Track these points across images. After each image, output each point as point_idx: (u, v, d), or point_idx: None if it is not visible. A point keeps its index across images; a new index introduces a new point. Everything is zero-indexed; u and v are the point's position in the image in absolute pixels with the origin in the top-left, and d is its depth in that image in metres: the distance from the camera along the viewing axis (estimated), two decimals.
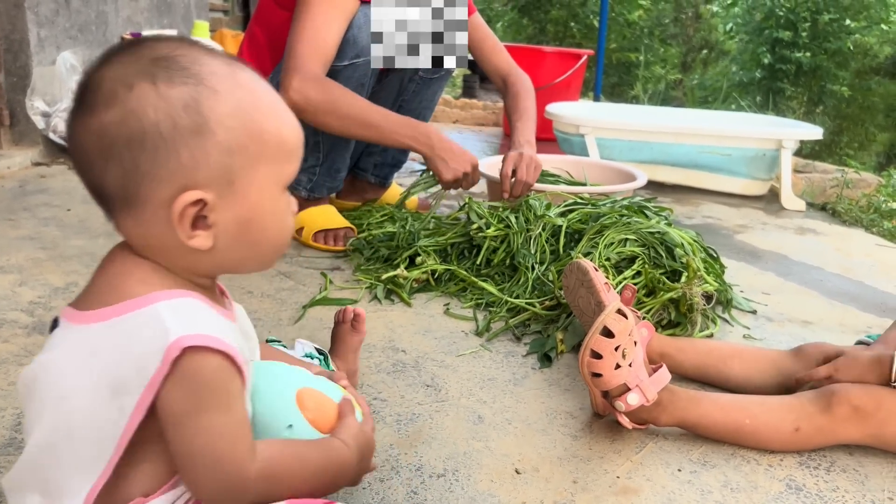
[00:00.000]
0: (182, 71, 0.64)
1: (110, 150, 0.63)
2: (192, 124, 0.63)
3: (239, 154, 0.65)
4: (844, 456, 1.09)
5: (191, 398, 0.62)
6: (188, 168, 0.63)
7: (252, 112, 0.66)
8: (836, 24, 8.41)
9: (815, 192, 3.06)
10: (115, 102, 0.62)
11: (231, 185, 0.65)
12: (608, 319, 1.04)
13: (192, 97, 0.63)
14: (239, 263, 0.71)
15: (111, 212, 0.67)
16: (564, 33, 8.71)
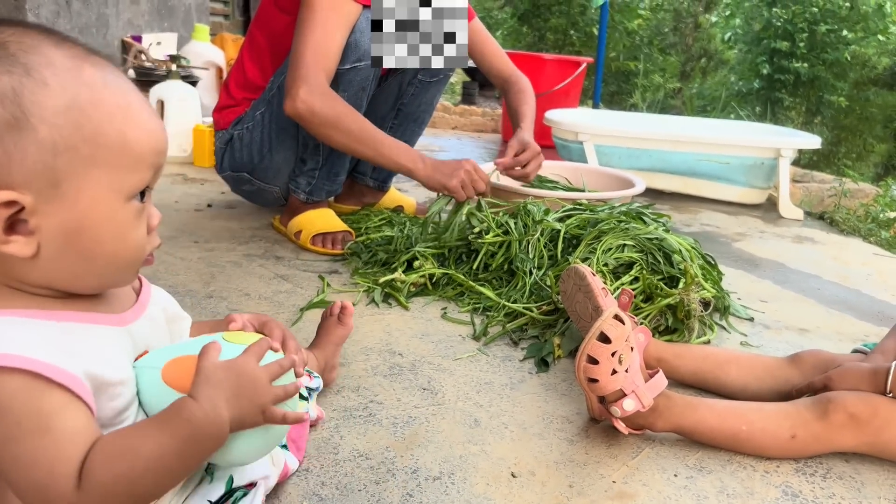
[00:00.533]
0: (9, 59, 0.58)
1: None
2: (9, 118, 0.57)
3: (66, 154, 0.59)
4: (841, 463, 1.09)
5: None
6: (1, 166, 0.58)
7: (89, 110, 0.60)
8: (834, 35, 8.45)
9: (812, 202, 3.07)
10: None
11: (56, 188, 0.59)
12: (605, 325, 1.04)
13: (12, 88, 0.58)
14: (73, 278, 0.64)
15: None
16: (564, 41, 8.74)
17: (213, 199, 2.37)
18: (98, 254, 0.63)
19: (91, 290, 0.66)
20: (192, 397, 0.65)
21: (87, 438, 0.60)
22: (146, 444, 0.62)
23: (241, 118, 1.92)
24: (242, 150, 1.93)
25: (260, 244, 1.92)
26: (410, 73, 2.00)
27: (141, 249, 0.67)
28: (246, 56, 1.95)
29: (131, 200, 0.64)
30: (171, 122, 2.85)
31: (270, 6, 1.88)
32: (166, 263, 1.72)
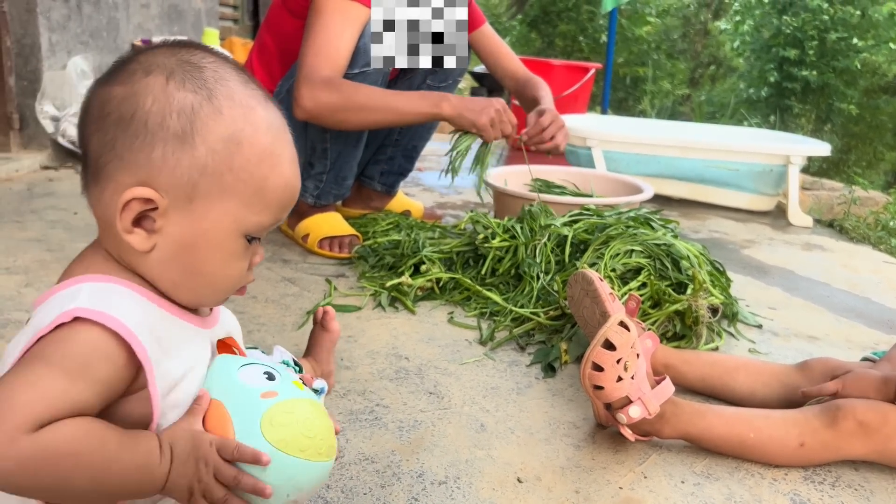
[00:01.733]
0: (199, 81, 0.65)
1: (104, 119, 0.64)
2: (179, 129, 0.63)
3: (210, 177, 0.64)
4: (850, 471, 1.08)
5: (37, 347, 0.59)
6: (155, 166, 0.63)
7: (245, 147, 0.65)
8: (844, 43, 8.42)
9: (822, 209, 3.05)
10: (128, 81, 0.64)
11: (190, 202, 0.64)
12: (610, 332, 1.04)
13: (191, 106, 0.64)
14: (172, 286, 0.67)
15: (84, 179, 0.67)
16: (573, 47, 8.75)
17: None
18: (200, 272, 0.67)
19: (181, 302, 0.70)
20: (160, 441, 0.63)
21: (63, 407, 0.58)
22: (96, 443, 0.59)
23: None
24: None
25: (267, 247, 1.93)
26: (419, 78, 2.01)
27: (237, 281, 0.71)
28: (255, 59, 1.95)
29: (245, 237, 0.68)
30: None
31: (280, 9, 1.89)
32: None
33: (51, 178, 2.54)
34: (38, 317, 0.62)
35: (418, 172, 3.15)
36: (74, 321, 0.59)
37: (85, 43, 2.93)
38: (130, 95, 0.64)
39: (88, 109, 0.66)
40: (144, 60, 0.65)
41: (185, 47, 0.67)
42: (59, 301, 0.62)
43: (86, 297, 0.61)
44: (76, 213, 2.11)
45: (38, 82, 2.68)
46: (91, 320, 0.59)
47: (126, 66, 0.66)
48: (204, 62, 0.66)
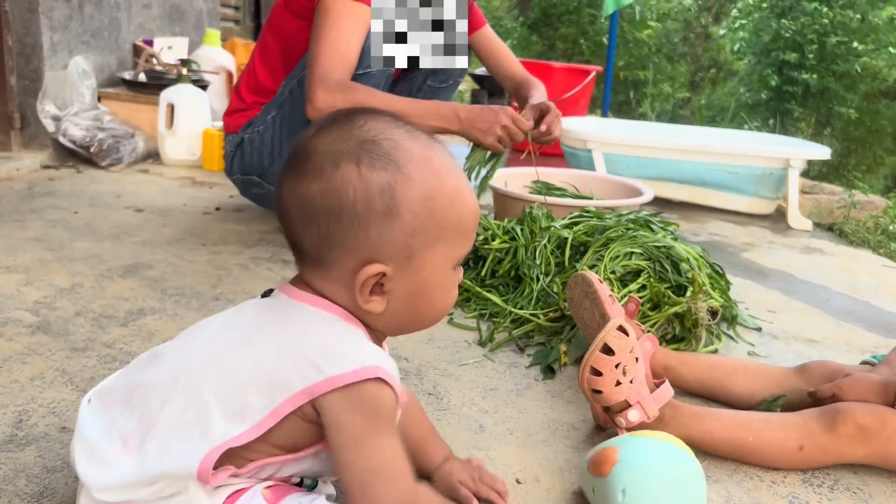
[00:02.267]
0: (384, 157, 0.71)
1: (311, 216, 0.71)
2: (385, 207, 0.70)
3: (420, 235, 0.71)
4: (848, 475, 1.08)
5: (370, 421, 0.68)
6: (374, 244, 0.70)
7: (438, 198, 0.72)
8: (844, 47, 8.43)
9: (822, 213, 3.06)
10: (321, 176, 0.70)
11: (409, 260, 0.72)
12: (608, 337, 1.04)
13: (388, 183, 0.70)
14: (403, 327, 0.77)
15: (302, 263, 0.75)
16: (573, 50, 8.76)
17: (222, 202, 2.38)
18: (426, 312, 0.76)
19: (404, 334, 0.81)
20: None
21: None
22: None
23: (251, 122, 1.93)
24: (252, 153, 1.94)
25: (267, 248, 1.93)
26: (420, 79, 2.01)
27: (452, 304, 0.79)
28: (258, 60, 1.95)
29: (455, 268, 0.77)
30: (180, 126, 2.87)
31: (283, 10, 1.89)
32: (174, 266, 1.73)
33: (51, 178, 2.54)
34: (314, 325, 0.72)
35: None
36: (377, 380, 0.69)
37: (86, 43, 2.93)
38: (331, 190, 0.70)
39: (289, 208, 0.72)
40: (327, 151, 0.71)
41: (350, 123, 0.73)
42: (341, 327, 0.72)
43: (374, 356, 0.70)
44: (76, 213, 2.11)
45: (39, 82, 2.68)
46: (384, 381, 0.70)
47: (310, 159, 0.71)
48: (378, 136, 0.72)
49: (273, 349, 0.70)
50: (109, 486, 0.69)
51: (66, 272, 1.63)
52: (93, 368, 1.21)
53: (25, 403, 1.08)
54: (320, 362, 0.68)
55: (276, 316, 0.73)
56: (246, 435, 0.68)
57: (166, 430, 0.69)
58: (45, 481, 0.91)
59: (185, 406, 0.70)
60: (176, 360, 0.74)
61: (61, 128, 2.71)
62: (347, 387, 0.67)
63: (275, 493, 0.72)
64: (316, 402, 0.68)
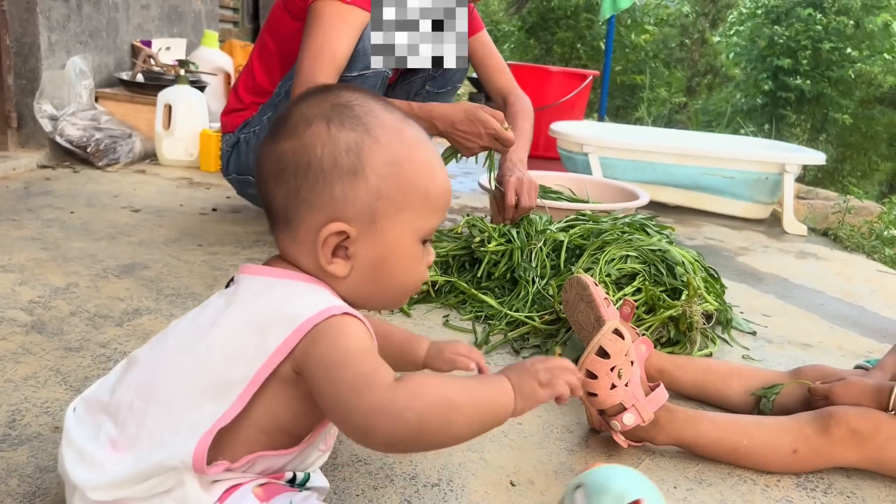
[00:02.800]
0: (354, 119, 0.73)
1: (281, 174, 0.73)
2: (350, 165, 0.72)
3: (384, 199, 0.73)
4: (842, 478, 1.08)
5: (334, 351, 0.67)
6: (339, 202, 0.72)
7: (405, 165, 0.74)
8: (838, 53, 8.46)
9: (817, 218, 3.07)
10: (294, 135, 0.73)
11: (373, 224, 0.73)
12: (604, 340, 1.04)
13: (355, 143, 0.72)
14: (367, 299, 0.77)
15: (274, 227, 0.77)
16: (571, 55, 8.78)
17: (218, 203, 2.38)
18: (391, 281, 0.77)
19: (371, 309, 0.80)
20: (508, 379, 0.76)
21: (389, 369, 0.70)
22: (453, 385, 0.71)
23: (248, 122, 1.93)
24: (249, 153, 1.94)
25: (263, 248, 1.93)
26: (418, 83, 2.01)
27: (419, 282, 0.80)
28: (256, 60, 1.96)
29: (421, 241, 0.77)
30: (178, 127, 2.86)
31: (281, 11, 1.89)
32: (170, 266, 1.72)
33: (48, 178, 2.54)
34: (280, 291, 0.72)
35: None
36: (344, 315, 0.69)
37: (84, 43, 2.93)
38: (301, 147, 0.72)
39: (263, 167, 0.75)
40: (302, 113, 0.74)
41: (328, 91, 0.76)
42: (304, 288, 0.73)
43: (341, 303, 0.71)
44: (73, 213, 2.11)
45: (36, 81, 2.68)
46: (354, 316, 0.71)
47: (287, 122, 0.74)
48: (351, 101, 0.74)
49: (242, 323, 0.70)
50: (103, 484, 0.69)
51: (62, 272, 1.63)
52: (87, 368, 1.20)
53: (19, 403, 1.08)
54: (288, 317, 0.68)
55: (241, 295, 0.73)
56: (233, 409, 0.68)
57: (156, 426, 0.69)
58: (37, 481, 0.91)
59: (170, 399, 0.70)
60: (153, 359, 0.75)
61: (58, 127, 2.70)
62: (315, 328, 0.67)
63: (266, 492, 0.72)
64: (294, 359, 0.68)
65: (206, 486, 0.69)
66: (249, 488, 0.71)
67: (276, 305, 0.70)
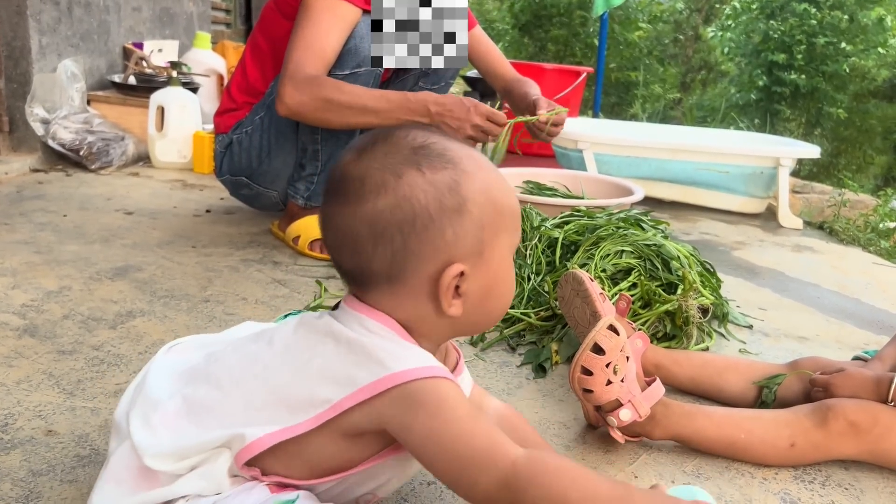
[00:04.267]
0: (440, 157, 0.72)
1: (382, 234, 0.70)
2: (455, 204, 0.71)
3: (487, 228, 0.72)
4: (840, 471, 1.08)
5: (438, 412, 0.67)
6: (451, 244, 0.71)
7: (494, 189, 0.74)
8: (833, 48, 8.48)
9: (812, 212, 3.07)
10: (385, 190, 0.70)
11: (481, 255, 0.72)
12: (598, 336, 1.03)
13: (453, 179, 0.71)
14: (472, 327, 0.78)
15: (364, 286, 0.73)
16: (565, 52, 8.78)
17: (212, 204, 2.37)
18: (497, 305, 0.77)
19: (472, 335, 0.82)
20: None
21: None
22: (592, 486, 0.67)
23: (240, 122, 1.92)
24: (241, 154, 1.93)
25: (258, 249, 1.92)
26: (411, 81, 2.00)
27: (513, 296, 0.80)
28: (248, 60, 1.95)
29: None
30: (171, 129, 2.85)
31: (273, 11, 1.88)
32: (163, 268, 1.72)
33: (40, 181, 2.53)
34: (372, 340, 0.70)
35: None
36: (444, 379, 0.69)
37: (75, 46, 2.92)
38: (401, 201, 0.70)
39: (349, 236, 0.71)
40: (382, 168, 0.71)
41: (393, 137, 0.73)
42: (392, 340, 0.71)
43: (434, 360, 0.71)
44: (65, 216, 2.10)
45: (28, 85, 2.66)
46: (435, 377, 0.69)
47: (364, 181, 0.70)
48: (428, 141, 0.73)
49: (344, 348, 0.70)
50: (163, 452, 0.70)
51: (55, 275, 1.62)
52: (80, 371, 1.20)
53: (11, 407, 1.07)
54: (385, 359, 0.68)
55: (344, 321, 0.73)
56: (305, 425, 0.68)
57: (233, 411, 0.71)
58: (30, 485, 0.90)
59: (256, 393, 0.71)
60: (255, 348, 0.75)
61: (50, 131, 2.69)
62: (404, 386, 0.67)
63: (279, 487, 0.73)
64: (375, 405, 0.67)
65: (232, 474, 0.71)
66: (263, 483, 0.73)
67: (377, 345, 0.70)
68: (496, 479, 0.65)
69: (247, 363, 0.74)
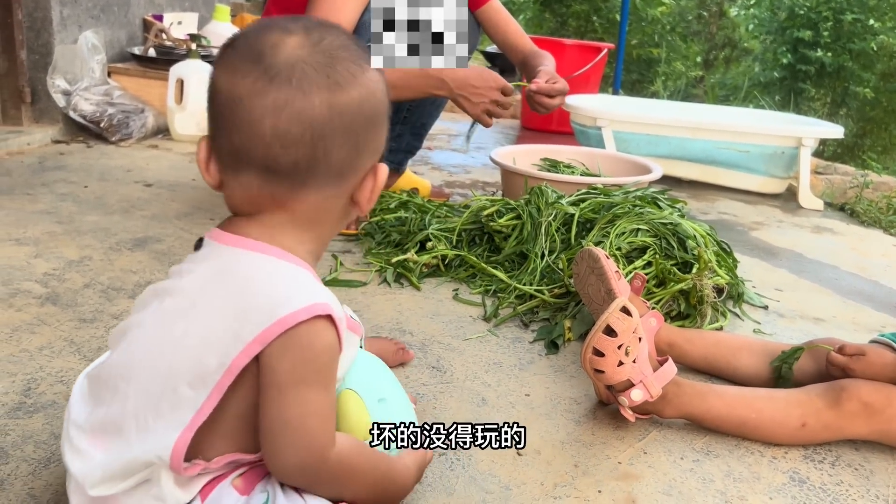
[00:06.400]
0: (360, 57, 0.70)
1: (352, 126, 0.67)
2: (388, 103, 0.72)
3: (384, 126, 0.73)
4: (850, 451, 1.08)
5: (297, 368, 0.65)
6: (382, 143, 0.72)
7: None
8: (860, 25, 8.27)
9: (834, 194, 3.02)
10: (357, 82, 0.67)
11: (378, 153, 0.73)
12: (611, 318, 1.03)
13: (381, 78, 0.71)
14: (331, 234, 0.75)
15: (302, 183, 0.67)
16: (586, 28, 8.65)
17: None
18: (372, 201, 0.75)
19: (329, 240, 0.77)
20: (408, 468, 0.79)
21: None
22: (381, 468, 0.75)
23: None
24: None
25: None
26: None
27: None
28: None
29: None
30: (190, 101, 2.86)
31: None
32: (182, 239, 1.74)
33: (62, 152, 2.55)
34: (254, 273, 0.66)
35: (427, 151, 3.14)
36: (324, 319, 0.65)
37: (96, 17, 2.93)
38: (369, 95, 0.68)
39: (315, 125, 0.65)
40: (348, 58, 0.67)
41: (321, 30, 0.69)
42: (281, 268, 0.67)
43: (324, 294, 0.67)
44: (86, 187, 2.12)
45: (49, 56, 2.68)
46: (326, 317, 0.66)
47: (335, 70, 0.66)
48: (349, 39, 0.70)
49: (219, 305, 0.65)
50: (98, 479, 0.66)
51: (76, 245, 1.64)
52: (100, 339, 1.22)
53: (34, 372, 1.10)
54: (270, 307, 0.64)
55: (218, 269, 0.68)
56: (210, 401, 0.64)
57: (138, 408, 0.66)
58: (51, 448, 0.92)
59: (149, 380, 0.66)
60: (132, 336, 0.70)
61: (71, 102, 2.71)
62: (287, 331, 0.63)
63: (245, 482, 0.70)
64: (262, 353, 0.64)
65: (183, 483, 0.67)
66: (229, 482, 0.69)
67: (259, 291, 0.65)
68: (299, 461, 0.66)
69: (133, 352, 0.69)
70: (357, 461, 0.71)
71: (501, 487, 0.92)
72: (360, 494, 0.72)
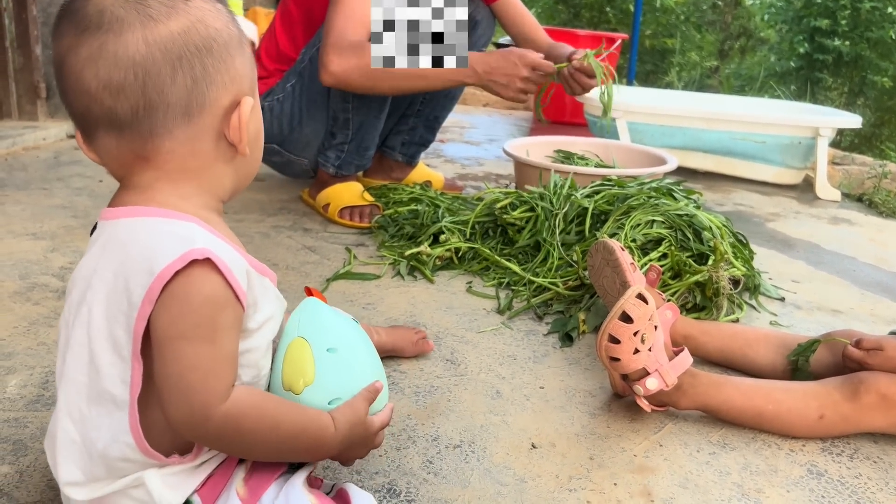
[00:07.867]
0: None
1: (181, 59, 0.64)
2: (237, 35, 0.68)
3: (253, 66, 0.71)
4: (868, 444, 1.07)
5: (177, 321, 0.62)
6: (240, 75, 0.68)
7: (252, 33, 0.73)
8: (878, 13, 8.15)
9: (852, 185, 2.99)
10: (177, 12, 0.64)
11: (254, 92, 0.70)
12: (627, 304, 1.03)
13: (229, 11, 0.68)
14: (246, 177, 0.74)
15: (152, 130, 0.64)
16: (599, 18, 8.59)
17: None
18: (260, 149, 0.74)
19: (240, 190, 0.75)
20: (332, 424, 0.72)
21: (236, 367, 0.66)
22: (289, 424, 0.69)
23: (272, 90, 1.93)
24: (272, 121, 1.94)
25: (288, 216, 1.94)
26: None
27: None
28: (279, 27, 1.95)
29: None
30: None
31: None
32: None
33: (76, 147, 2.57)
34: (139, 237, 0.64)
35: (440, 144, 3.14)
36: (205, 264, 0.62)
37: None
38: (195, 23, 0.65)
39: (139, 65, 0.62)
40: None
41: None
42: (156, 227, 0.64)
43: (203, 239, 0.63)
44: (101, 181, 2.14)
45: None
46: (207, 261, 0.62)
47: (150, 4, 0.63)
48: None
49: (110, 279, 0.64)
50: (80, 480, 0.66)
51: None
52: None
53: (52, 365, 1.11)
54: (149, 264, 0.62)
55: (102, 244, 0.66)
56: (136, 371, 0.63)
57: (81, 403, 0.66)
58: None
59: (76, 368, 0.66)
60: (61, 341, 0.69)
61: None
62: (167, 285, 0.61)
63: (251, 491, 0.68)
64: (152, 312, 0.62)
65: (171, 484, 0.66)
66: (233, 488, 0.68)
67: (140, 252, 0.63)
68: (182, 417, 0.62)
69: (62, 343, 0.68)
70: (252, 418, 0.65)
71: (517, 480, 0.92)
72: (262, 453, 0.68)
